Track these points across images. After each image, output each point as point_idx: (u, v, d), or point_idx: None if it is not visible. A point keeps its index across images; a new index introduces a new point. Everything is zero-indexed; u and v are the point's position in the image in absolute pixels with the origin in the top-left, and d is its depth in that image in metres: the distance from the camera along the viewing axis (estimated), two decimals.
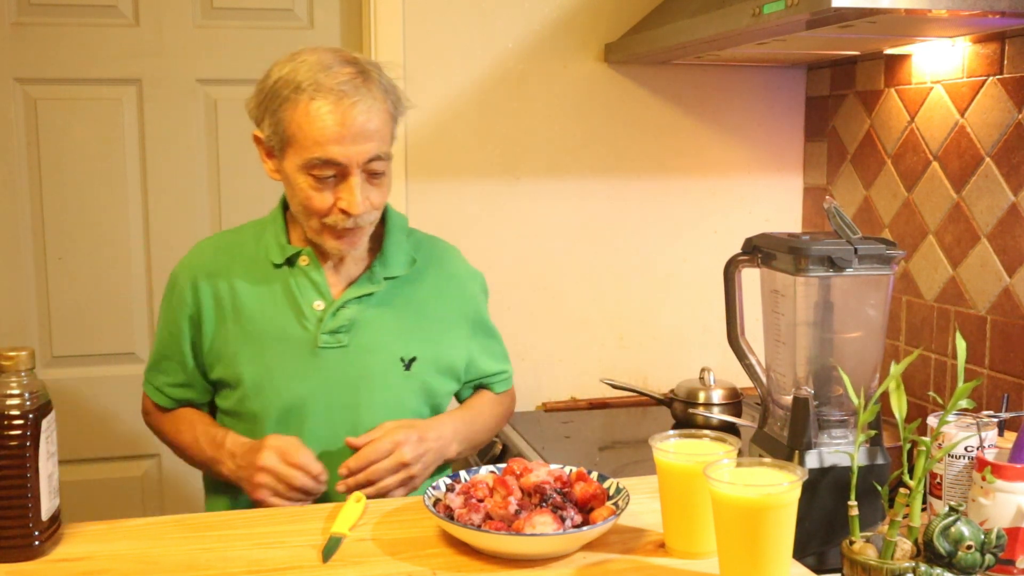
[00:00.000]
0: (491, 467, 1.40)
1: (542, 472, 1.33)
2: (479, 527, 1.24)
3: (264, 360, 1.55)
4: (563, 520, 1.25)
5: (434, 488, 1.35)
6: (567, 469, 1.38)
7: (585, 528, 1.24)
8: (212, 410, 1.68)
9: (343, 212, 1.49)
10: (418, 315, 1.62)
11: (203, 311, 1.59)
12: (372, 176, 1.49)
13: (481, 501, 1.29)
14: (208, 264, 1.61)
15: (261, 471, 1.46)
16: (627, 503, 1.30)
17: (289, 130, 1.48)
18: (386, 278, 1.60)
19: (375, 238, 1.61)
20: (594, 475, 1.36)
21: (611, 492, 1.34)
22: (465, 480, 1.37)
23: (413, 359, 1.60)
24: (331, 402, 1.56)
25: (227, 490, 1.60)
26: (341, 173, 1.47)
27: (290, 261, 1.58)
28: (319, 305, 1.56)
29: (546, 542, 1.22)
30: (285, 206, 1.63)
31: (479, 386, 1.76)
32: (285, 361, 1.55)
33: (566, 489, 1.32)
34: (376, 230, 1.61)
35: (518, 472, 1.34)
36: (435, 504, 1.31)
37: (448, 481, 1.37)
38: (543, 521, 1.23)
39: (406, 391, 1.60)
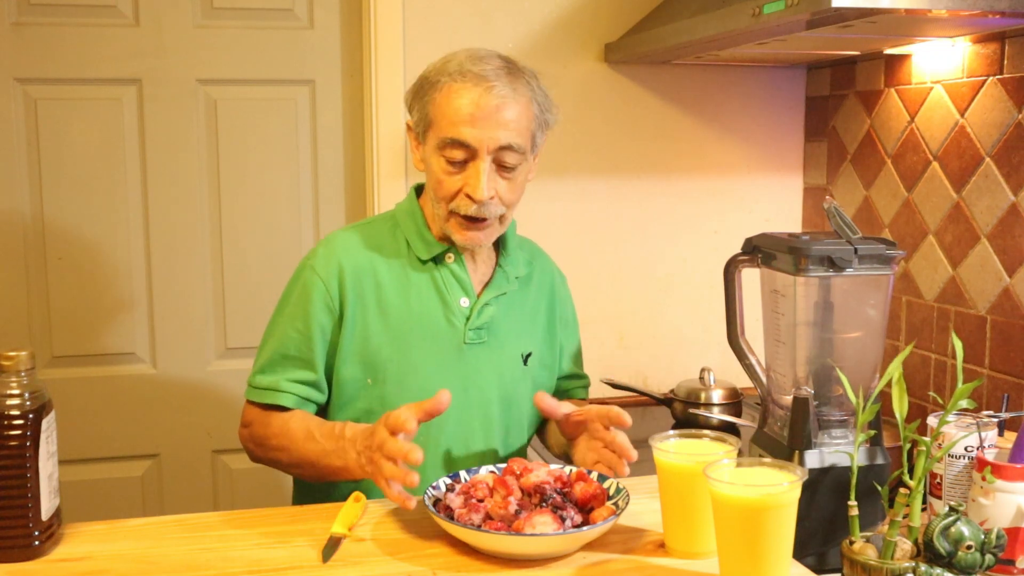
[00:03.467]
0: (491, 467, 1.40)
1: (542, 472, 1.33)
2: (479, 527, 1.24)
3: (409, 355, 1.55)
4: (563, 520, 1.25)
5: (434, 488, 1.35)
6: (567, 469, 1.38)
7: (585, 528, 1.24)
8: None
9: (468, 197, 1.49)
10: (532, 312, 1.68)
11: (346, 304, 1.55)
12: (503, 168, 1.50)
13: (481, 501, 1.29)
14: (352, 256, 1.58)
15: (378, 452, 1.33)
16: (627, 503, 1.30)
17: (431, 112, 1.51)
18: (516, 277, 1.64)
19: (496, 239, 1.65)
20: (594, 475, 1.37)
21: (611, 492, 1.34)
22: (465, 480, 1.37)
23: (529, 354, 1.65)
24: (469, 397, 1.58)
25: (319, 491, 1.59)
26: (471, 156, 1.48)
27: (436, 258, 1.59)
28: (464, 302, 1.58)
29: (546, 542, 1.22)
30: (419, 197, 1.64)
31: (562, 392, 1.77)
32: (431, 356, 1.56)
33: (566, 489, 1.32)
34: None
35: (518, 472, 1.35)
36: (435, 504, 1.31)
37: (448, 481, 1.37)
38: (543, 521, 1.23)
39: (524, 386, 1.65)
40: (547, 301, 1.71)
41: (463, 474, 1.39)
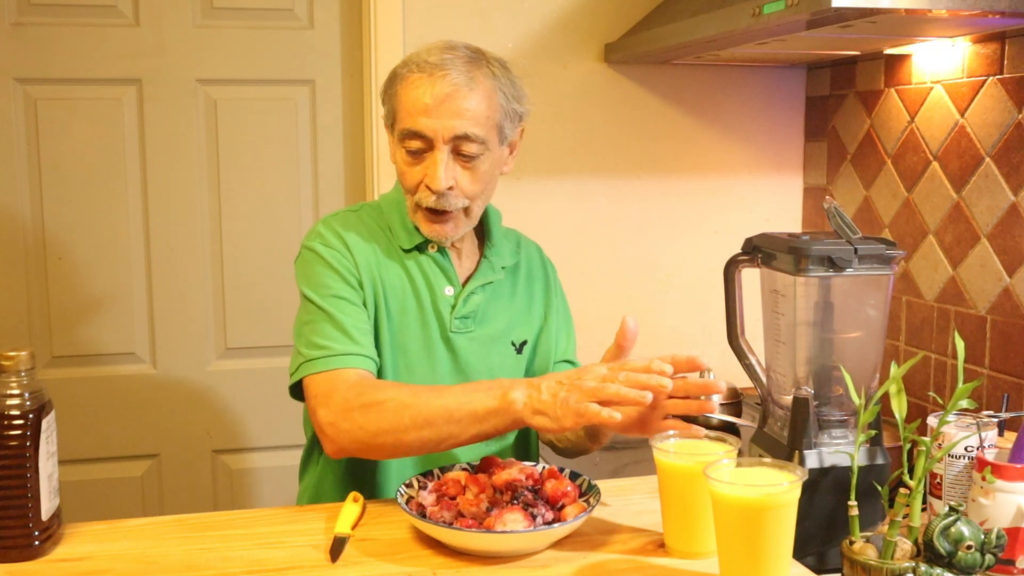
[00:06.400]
0: (464, 464, 1.41)
1: (514, 470, 1.33)
2: (450, 524, 1.25)
3: (400, 341, 1.56)
4: (534, 517, 1.26)
5: (407, 486, 1.35)
6: (539, 467, 1.38)
7: (556, 525, 1.25)
8: None
9: (428, 188, 1.48)
10: (524, 300, 1.67)
11: (361, 273, 1.53)
12: (463, 158, 1.48)
13: (453, 499, 1.30)
14: (352, 233, 1.57)
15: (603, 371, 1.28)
16: (598, 500, 1.31)
17: (395, 104, 1.51)
18: (502, 267, 1.63)
19: (479, 232, 1.65)
20: (566, 472, 1.38)
21: (583, 489, 1.35)
22: (438, 477, 1.38)
23: (524, 343, 1.65)
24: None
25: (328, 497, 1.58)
26: (428, 146, 1.47)
27: (419, 247, 1.59)
28: (449, 291, 1.58)
29: (516, 539, 1.23)
30: None
31: None
32: (419, 343, 1.57)
33: (537, 487, 1.33)
34: (479, 224, 1.64)
35: (490, 470, 1.35)
36: (408, 502, 1.31)
37: (421, 479, 1.37)
38: (514, 518, 1.24)
39: (517, 374, 1.64)
40: (542, 288, 1.70)
41: (436, 471, 1.39)
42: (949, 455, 1.37)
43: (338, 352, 1.44)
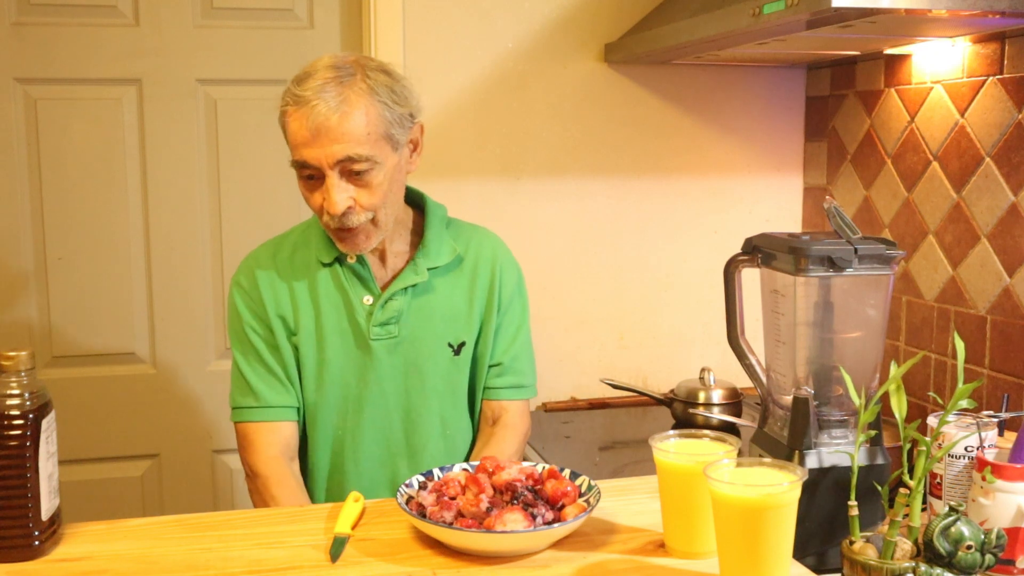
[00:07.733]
0: (464, 465, 1.41)
1: (514, 470, 1.34)
2: (450, 524, 1.25)
3: (322, 354, 1.61)
4: (534, 517, 1.26)
5: (407, 486, 1.35)
6: (539, 467, 1.39)
7: (556, 525, 1.25)
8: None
9: (329, 212, 1.51)
10: (464, 301, 1.67)
11: (268, 308, 1.63)
12: (354, 176, 1.50)
13: (453, 499, 1.30)
14: (265, 266, 1.65)
15: None
16: (598, 500, 1.31)
17: (285, 137, 1.55)
18: (429, 268, 1.63)
19: (416, 231, 1.67)
20: (566, 472, 1.38)
21: (583, 489, 1.35)
22: (438, 478, 1.38)
23: (462, 344, 1.66)
24: (385, 390, 1.63)
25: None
26: (319, 173, 1.50)
27: (339, 259, 1.62)
28: (368, 300, 1.62)
29: (516, 539, 1.23)
30: None
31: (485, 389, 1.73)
32: (340, 355, 1.62)
33: (538, 487, 1.33)
34: (417, 222, 1.67)
35: (490, 470, 1.35)
36: (408, 502, 1.31)
37: (421, 479, 1.37)
38: (514, 518, 1.24)
39: (457, 376, 1.66)
40: (485, 288, 1.68)
41: (436, 472, 1.40)
42: (949, 455, 1.37)
43: (253, 405, 1.62)
